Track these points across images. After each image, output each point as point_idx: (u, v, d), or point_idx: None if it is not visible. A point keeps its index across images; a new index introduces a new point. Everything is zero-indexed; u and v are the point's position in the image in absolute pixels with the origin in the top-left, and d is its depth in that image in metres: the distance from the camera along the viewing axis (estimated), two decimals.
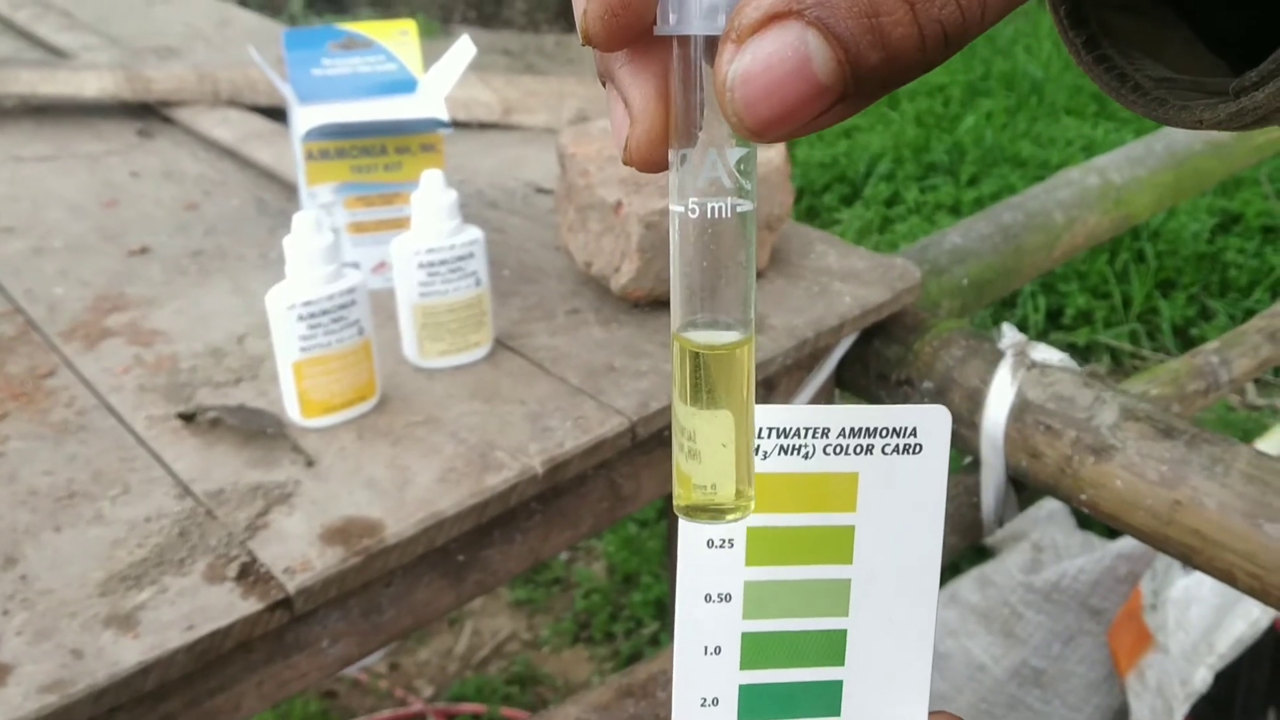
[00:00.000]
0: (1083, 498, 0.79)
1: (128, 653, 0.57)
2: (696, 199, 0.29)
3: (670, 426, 0.78)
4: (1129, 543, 1.38)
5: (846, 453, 0.45)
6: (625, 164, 0.28)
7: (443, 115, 0.89)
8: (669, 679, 0.71)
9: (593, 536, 1.87)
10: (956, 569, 1.56)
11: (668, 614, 1.72)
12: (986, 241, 1.11)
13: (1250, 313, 2.28)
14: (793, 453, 0.44)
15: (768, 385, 0.88)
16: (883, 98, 0.25)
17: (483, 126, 1.29)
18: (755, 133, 0.25)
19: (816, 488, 0.44)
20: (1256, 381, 2.21)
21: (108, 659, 0.57)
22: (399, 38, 0.93)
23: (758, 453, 0.43)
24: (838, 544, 0.45)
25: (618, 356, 0.82)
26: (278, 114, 1.28)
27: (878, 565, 0.45)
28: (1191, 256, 2.43)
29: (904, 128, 3.01)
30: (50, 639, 0.58)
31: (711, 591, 0.44)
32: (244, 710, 0.64)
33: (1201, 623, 1.17)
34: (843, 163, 2.92)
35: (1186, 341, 2.33)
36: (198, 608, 0.60)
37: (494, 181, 1.15)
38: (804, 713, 0.45)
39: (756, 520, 0.43)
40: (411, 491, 0.68)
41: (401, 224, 0.90)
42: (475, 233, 0.79)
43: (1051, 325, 2.39)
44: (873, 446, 0.45)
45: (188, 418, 0.75)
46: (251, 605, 0.60)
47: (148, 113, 1.35)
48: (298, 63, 0.90)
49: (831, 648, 0.44)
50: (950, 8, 0.21)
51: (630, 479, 0.81)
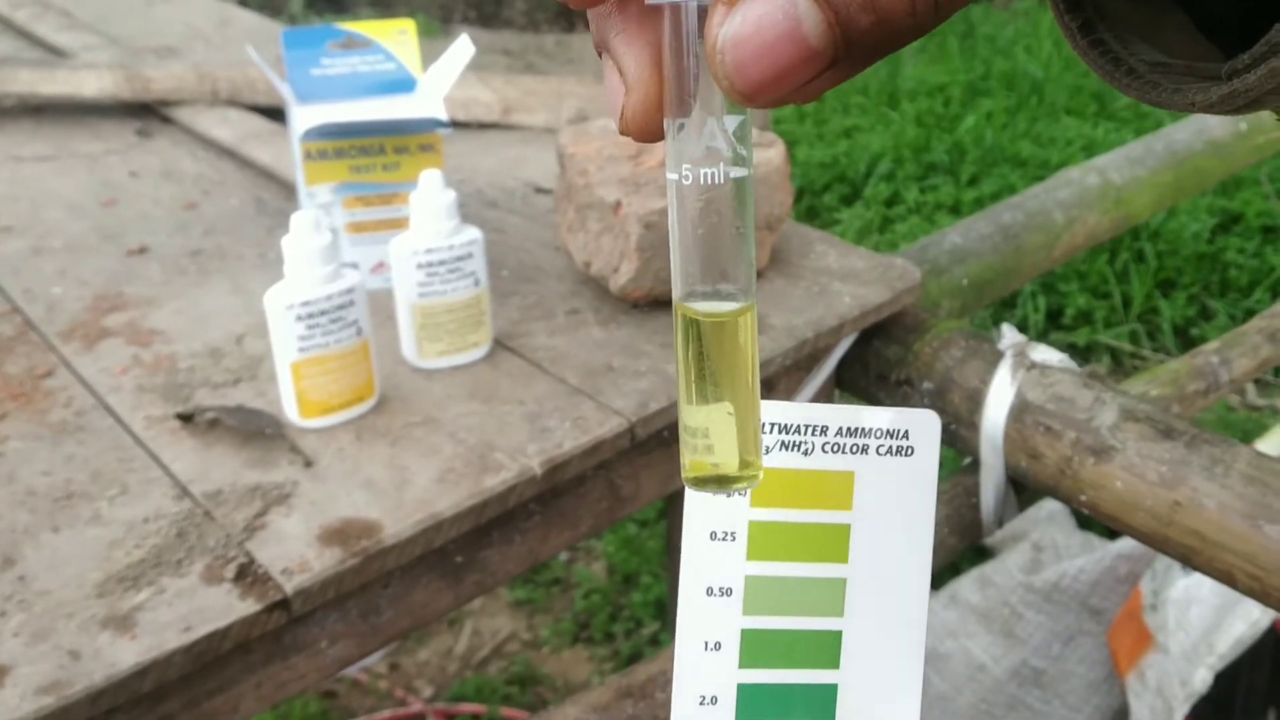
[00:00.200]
0: (1082, 499, 0.78)
1: (125, 654, 0.57)
2: (692, 166, 0.29)
3: (670, 426, 0.78)
4: (1129, 543, 1.38)
5: (843, 451, 0.46)
6: (622, 133, 0.28)
7: (441, 115, 0.88)
8: (668, 680, 0.71)
9: (592, 537, 1.86)
10: (956, 569, 1.56)
11: (667, 614, 1.72)
12: (986, 241, 1.11)
13: (1250, 313, 2.27)
14: (793, 448, 0.46)
15: (767, 385, 0.87)
16: (874, 63, 0.25)
17: (482, 126, 1.29)
18: (746, 96, 0.25)
19: (815, 485, 0.46)
20: (1256, 382, 2.21)
21: (105, 660, 0.57)
22: (398, 37, 0.92)
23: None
24: (835, 542, 0.46)
25: (617, 357, 0.82)
26: (277, 114, 1.27)
27: (872, 566, 0.46)
28: (1192, 256, 2.43)
29: (904, 128, 3.01)
30: (47, 640, 0.58)
31: (714, 585, 0.45)
32: (242, 711, 0.64)
33: (1201, 623, 1.17)
34: (843, 163, 2.92)
35: (1187, 341, 2.32)
36: (195, 609, 0.60)
37: (493, 181, 1.15)
38: (800, 715, 0.45)
39: (759, 514, 0.45)
40: (410, 492, 0.68)
41: (400, 224, 0.90)
42: (474, 233, 0.79)
43: (1051, 325, 2.39)
44: (868, 446, 0.47)
45: (186, 418, 0.75)
46: (249, 606, 0.60)
47: (147, 112, 1.35)
48: (296, 62, 0.90)
49: (827, 650, 0.45)
50: None
51: (629, 479, 0.80)
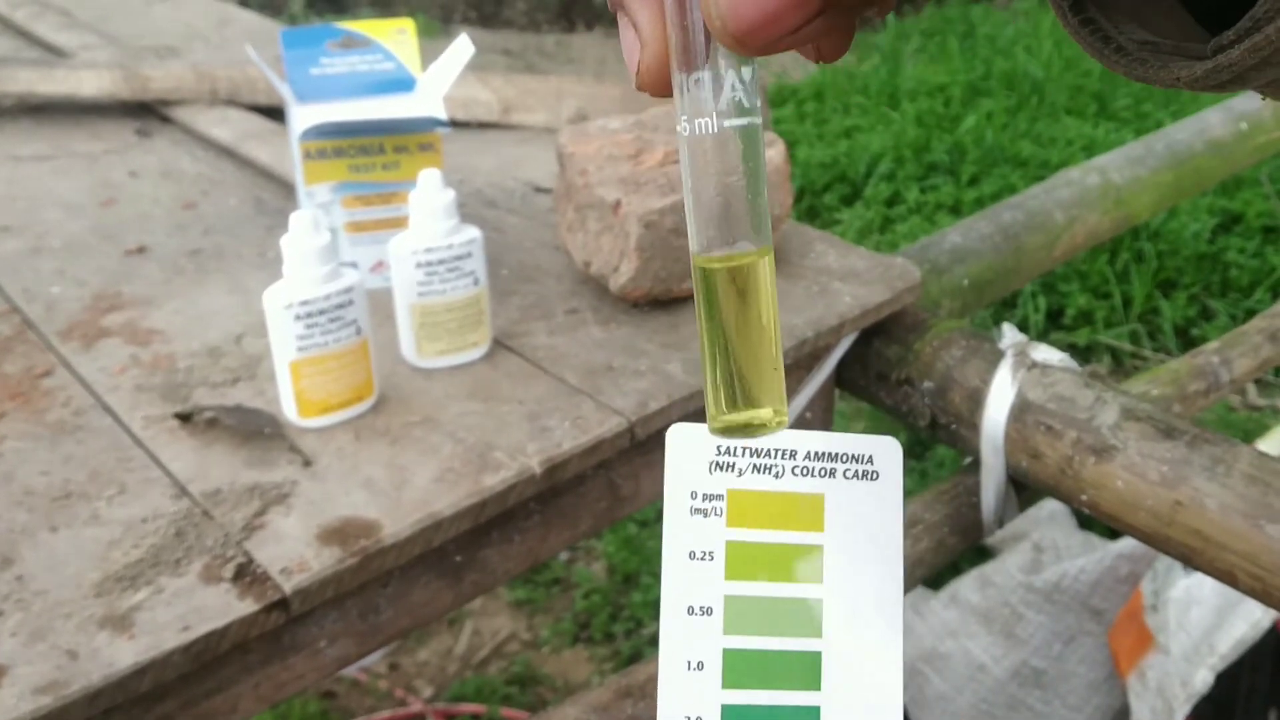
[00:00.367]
0: (1083, 498, 0.78)
1: (123, 654, 0.57)
2: (699, 119, 0.30)
3: (668, 427, 0.78)
4: (1130, 543, 1.38)
5: (812, 474, 0.49)
6: (638, 89, 0.29)
7: (441, 114, 0.88)
8: None
9: (591, 537, 1.86)
10: (957, 569, 1.55)
11: None
12: (987, 241, 1.11)
13: (1251, 313, 2.27)
14: (765, 471, 0.48)
15: None
16: (861, 13, 0.26)
17: (481, 126, 1.28)
18: (739, 39, 0.26)
19: (788, 507, 0.48)
20: (1257, 382, 2.21)
21: (103, 660, 0.57)
22: (397, 36, 0.92)
23: (733, 470, 0.47)
24: (809, 563, 0.48)
25: (616, 356, 0.82)
26: (276, 113, 1.27)
27: (847, 587, 0.48)
28: (1192, 256, 2.43)
29: (904, 128, 3.01)
30: (45, 640, 0.58)
31: (694, 604, 0.47)
32: (241, 711, 0.64)
33: (1202, 623, 1.17)
34: (843, 163, 2.92)
35: (1187, 342, 2.32)
36: (194, 608, 0.60)
37: (492, 181, 1.15)
38: None
39: (735, 534, 0.47)
40: (409, 492, 0.68)
41: (399, 223, 0.90)
42: (473, 232, 0.79)
43: (1052, 325, 2.39)
44: (835, 470, 0.49)
45: (184, 418, 0.75)
46: (248, 606, 0.60)
47: (146, 112, 1.34)
48: (295, 62, 0.90)
49: (808, 671, 0.46)
50: None
51: (629, 479, 0.80)
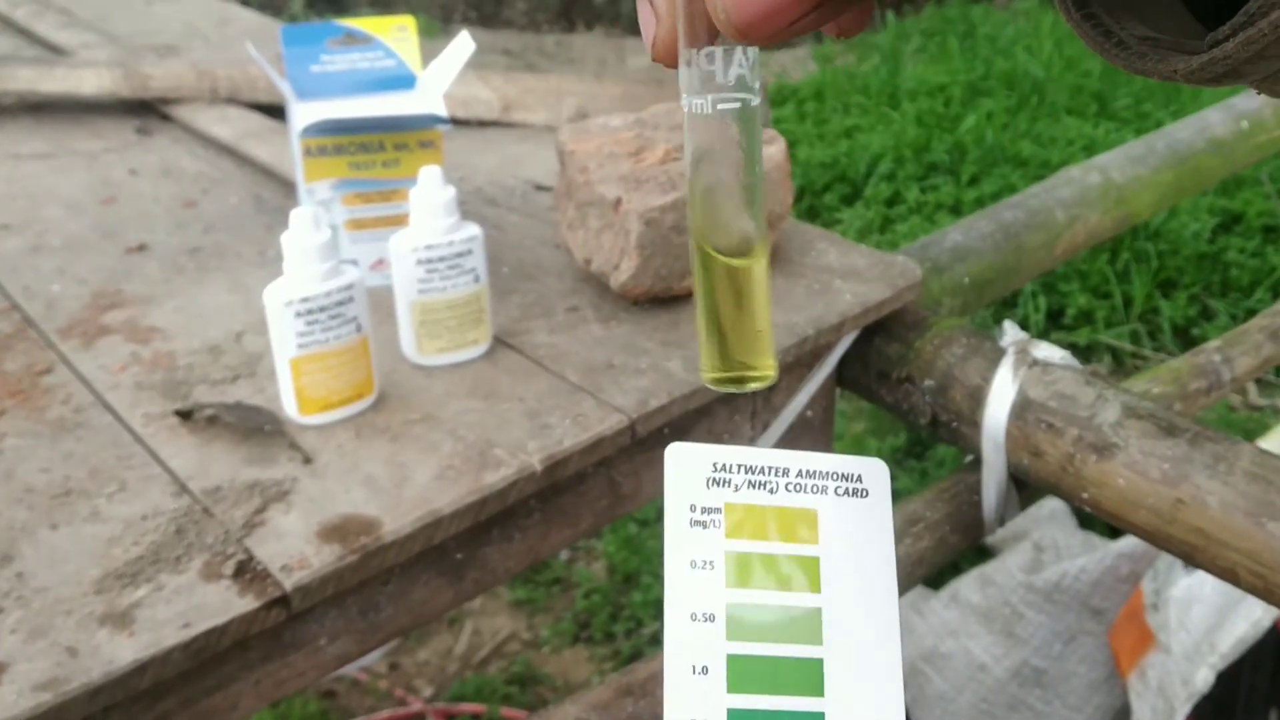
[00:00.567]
0: (1084, 496, 0.78)
1: (123, 651, 0.57)
2: (703, 95, 0.32)
3: (671, 424, 0.78)
4: (1130, 542, 1.38)
5: (805, 490, 0.51)
6: (653, 60, 0.31)
7: (441, 111, 0.88)
8: None
9: (592, 535, 1.86)
10: (957, 568, 1.55)
11: None
12: (988, 240, 1.11)
13: (1251, 312, 2.27)
14: (759, 487, 0.51)
15: None
16: (857, 5, 0.28)
17: (482, 124, 1.28)
18: (741, 31, 0.27)
19: (783, 520, 0.50)
20: (1258, 381, 2.21)
21: (103, 657, 0.57)
22: (397, 34, 0.92)
23: (729, 485, 0.50)
24: (807, 572, 0.50)
25: (617, 354, 0.82)
26: (276, 111, 1.27)
27: (844, 596, 0.50)
28: (1192, 256, 2.43)
29: (905, 127, 3.01)
30: (45, 637, 0.58)
31: (697, 611, 0.48)
32: (241, 709, 0.64)
33: (1203, 622, 1.17)
34: (843, 162, 2.92)
35: (1187, 341, 2.32)
36: (194, 606, 0.60)
37: (493, 179, 1.15)
38: None
39: (733, 545, 0.49)
40: (409, 489, 0.68)
41: (400, 221, 0.89)
42: (474, 230, 0.78)
43: (1052, 325, 2.39)
44: (826, 487, 0.51)
45: (185, 415, 0.75)
46: (248, 603, 0.60)
47: (146, 110, 1.34)
48: (296, 59, 0.90)
49: (811, 678, 0.48)
50: None
51: (630, 477, 0.80)
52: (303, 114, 0.86)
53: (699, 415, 0.83)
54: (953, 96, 3.24)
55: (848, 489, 0.52)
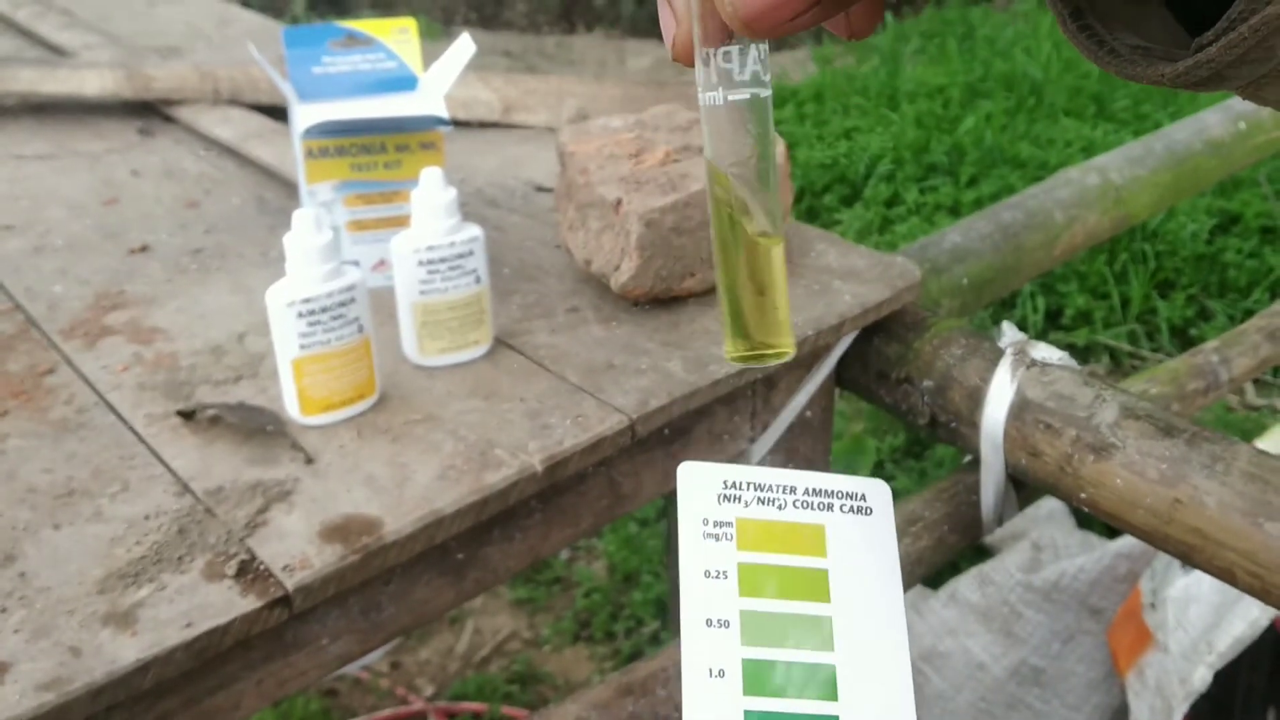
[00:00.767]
0: (1082, 496, 0.79)
1: (126, 651, 0.57)
2: (718, 89, 0.35)
3: (670, 424, 0.78)
4: (1128, 541, 1.38)
5: (812, 508, 0.54)
6: (673, 60, 0.34)
7: (443, 113, 0.89)
8: (669, 677, 0.71)
9: (592, 535, 1.87)
10: (956, 568, 1.56)
11: (668, 612, 1.72)
12: (986, 241, 1.11)
13: (1249, 313, 2.28)
14: (768, 503, 0.53)
15: (768, 383, 0.88)
16: (856, 2, 0.29)
17: (483, 125, 1.29)
18: (747, 24, 0.29)
19: (792, 534, 0.52)
20: (1255, 381, 2.21)
21: (106, 657, 0.57)
22: (399, 36, 0.93)
23: (739, 501, 0.52)
24: (816, 584, 0.52)
25: (617, 354, 0.82)
26: (278, 113, 1.28)
27: (853, 607, 0.52)
28: (1190, 257, 2.43)
29: (904, 129, 3.01)
30: (48, 637, 0.58)
31: (712, 617, 0.50)
32: (243, 709, 0.64)
33: (1201, 622, 1.17)
34: (843, 163, 2.92)
35: (1185, 342, 2.33)
36: (196, 605, 0.60)
37: (494, 180, 1.15)
38: None
39: (745, 557, 0.51)
40: (411, 489, 0.68)
41: (401, 222, 0.90)
42: (475, 231, 0.79)
43: (1051, 325, 2.39)
44: (832, 504, 0.54)
45: (187, 415, 0.75)
46: (250, 603, 0.60)
47: (148, 111, 1.35)
48: (298, 60, 0.90)
49: (824, 683, 0.50)
50: None
51: (630, 477, 0.80)
52: (304, 115, 0.86)
53: (699, 416, 0.83)
54: (951, 98, 3.24)
55: (853, 506, 0.55)
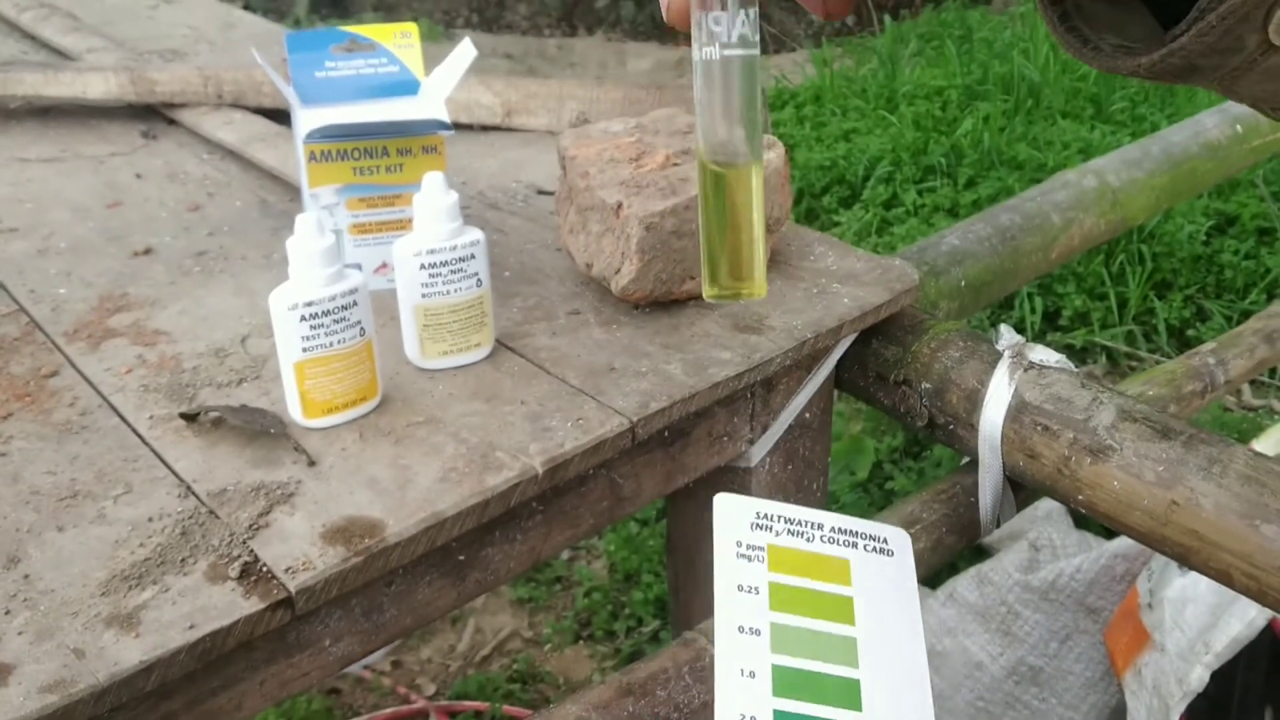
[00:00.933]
0: (1080, 498, 0.79)
1: (129, 652, 0.57)
2: (710, 48, 0.39)
3: (670, 427, 0.79)
4: (1126, 542, 1.39)
5: (838, 544, 0.59)
6: (667, 24, 0.38)
7: (444, 117, 0.89)
8: (669, 678, 0.71)
9: (593, 536, 1.87)
10: (954, 568, 1.56)
11: (668, 612, 1.72)
12: (984, 243, 1.12)
13: (1246, 314, 2.28)
14: (797, 535, 0.58)
15: (767, 385, 0.88)
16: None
17: (484, 128, 1.29)
18: None
19: (819, 563, 0.57)
20: (1252, 382, 2.22)
21: (109, 658, 0.57)
22: (401, 40, 0.93)
23: (770, 530, 0.58)
24: (842, 608, 0.57)
25: (618, 357, 0.82)
26: (281, 116, 1.28)
27: (876, 631, 0.56)
28: (1187, 258, 2.44)
29: (902, 130, 3.02)
30: (52, 638, 0.58)
31: (744, 625, 0.55)
32: (246, 709, 0.65)
33: (1198, 622, 1.17)
34: (842, 165, 2.93)
35: (1183, 343, 2.33)
36: (199, 607, 0.60)
37: (495, 183, 1.16)
38: None
39: (776, 577, 0.56)
40: (412, 491, 0.69)
41: (403, 225, 0.90)
42: (476, 234, 0.79)
43: (1049, 326, 2.40)
44: (856, 543, 0.59)
45: (190, 418, 0.76)
46: (253, 605, 0.61)
47: (152, 115, 1.35)
48: (300, 65, 0.91)
49: (849, 693, 0.54)
50: None
51: (630, 479, 0.81)
52: (307, 120, 0.87)
53: (698, 418, 0.84)
54: (950, 100, 3.25)
55: (876, 548, 0.60)
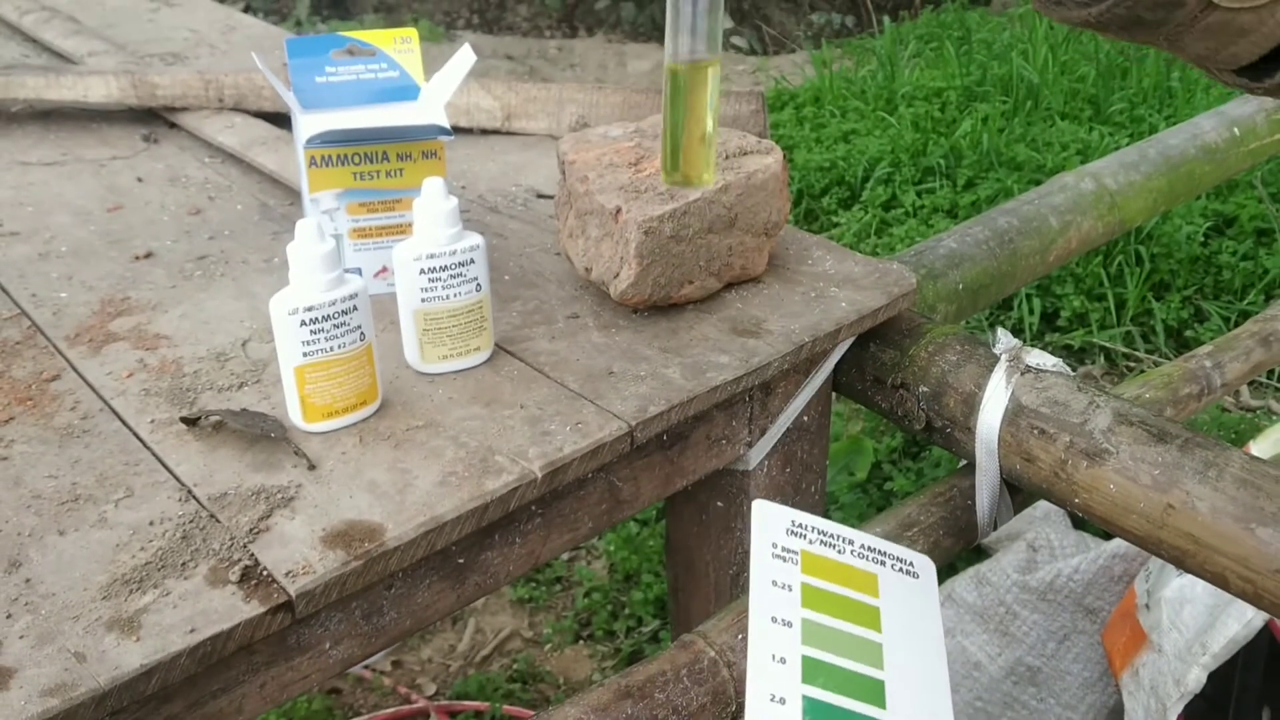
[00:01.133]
0: (1076, 501, 0.79)
1: (130, 656, 0.58)
2: None
3: (670, 430, 0.79)
4: (1123, 543, 1.39)
5: (867, 559, 0.62)
6: None
7: (444, 122, 0.89)
8: (667, 680, 0.72)
9: (592, 539, 1.87)
10: (953, 568, 1.57)
11: (668, 612, 1.73)
12: (982, 246, 1.12)
13: (1245, 315, 2.29)
14: (829, 546, 0.62)
15: (765, 389, 0.88)
16: None
17: (484, 132, 1.30)
18: None
19: (849, 573, 0.61)
20: (1251, 383, 2.22)
21: (110, 662, 0.57)
22: (401, 45, 0.93)
23: (803, 538, 0.61)
24: (869, 615, 0.59)
25: (617, 361, 0.83)
26: (282, 119, 1.28)
27: (900, 640, 0.58)
28: (1185, 259, 2.44)
29: (902, 132, 3.02)
30: (53, 642, 0.59)
31: (777, 616, 0.57)
32: (246, 712, 0.65)
33: (1195, 622, 1.18)
34: (841, 166, 2.93)
35: (1181, 344, 2.34)
36: (200, 611, 0.61)
37: (495, 187, 1.16)
38: None
39: (809, 579, 0.60)
40: (412, 495, 0.69)
41: (403, 230, 0.91)
42: (476, 239, 0.80)
43: (1047, 327, 2.40)
44: (885, 561, 0.62)
45: (191, 422, 0.76)
46: (254, 608, 0.61)
47: (153, 118, 1.36)
48: (301, 70, 0.91)
49: (874, 691, 0.57)
50: None
51: (629, 482, 0.81)
52: (307, 125, 0.87)
53: (697, 422, 0.84)
54: (949, 101, 3.25)
55: (902, 569, 0.63)
